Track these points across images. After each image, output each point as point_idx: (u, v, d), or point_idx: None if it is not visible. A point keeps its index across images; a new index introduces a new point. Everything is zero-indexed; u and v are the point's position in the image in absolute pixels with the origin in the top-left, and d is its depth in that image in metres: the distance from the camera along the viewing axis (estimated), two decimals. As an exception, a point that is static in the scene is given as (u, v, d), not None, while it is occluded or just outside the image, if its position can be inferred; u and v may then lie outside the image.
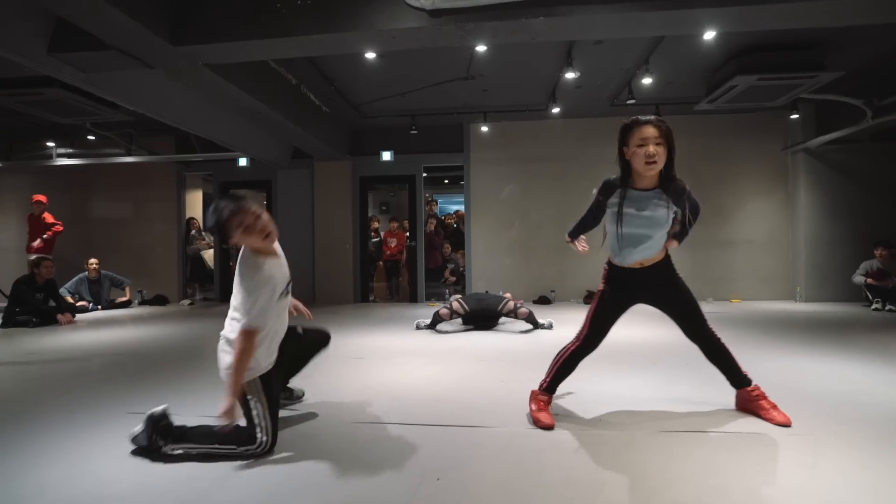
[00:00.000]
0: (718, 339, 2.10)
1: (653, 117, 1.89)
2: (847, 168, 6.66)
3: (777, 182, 7.02)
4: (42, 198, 6.70)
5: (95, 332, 4.89)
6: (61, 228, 6.70)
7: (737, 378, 2.11)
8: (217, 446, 1.75)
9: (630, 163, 1.93)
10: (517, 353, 3.58)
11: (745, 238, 7.03)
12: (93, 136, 6.77)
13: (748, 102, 5.36)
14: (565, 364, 2.15)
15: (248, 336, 1.72)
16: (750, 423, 2.01)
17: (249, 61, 4.44)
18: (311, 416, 2.22)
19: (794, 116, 6.42)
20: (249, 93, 4.49)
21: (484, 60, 4.92)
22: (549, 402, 2.16)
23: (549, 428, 2.00)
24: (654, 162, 1.85)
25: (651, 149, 1.84)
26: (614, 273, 2.09)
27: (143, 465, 1.73)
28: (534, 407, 2.13)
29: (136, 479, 1.61)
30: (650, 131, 1.85)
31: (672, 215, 1.96)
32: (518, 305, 4.56)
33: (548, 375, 2.17)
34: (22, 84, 4.60)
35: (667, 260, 2.09)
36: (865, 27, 4.12)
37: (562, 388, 2.25)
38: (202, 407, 2.34)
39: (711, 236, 7.04)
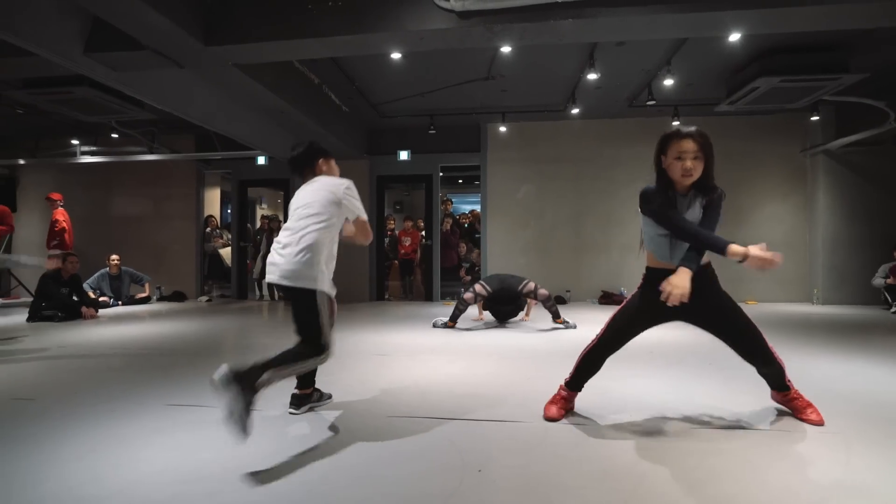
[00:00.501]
0: (776, 357, 2.01)
1: (693, 129, 1.88)
2: (867, 170, 6.61)
3: (795, 184, 6.98)
4: (55, 195, 6.85)
5: (118, 326, 4.98)
6: (60, 227, 6.83)
7: (780, 385, 2.09)
8: (298, 364, 1.94)
9: (666, 171, 1.94)
10: (539, 351, 3.62)
11: (763, 240, 6.86)
12: (116, 134, 6.89)
13: (769, 104, 5.35)
14: (586, 361, 2.16)
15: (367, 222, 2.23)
16: (780, 421, 2.04)
17: (275, 62, 4.53)
18: (344, 410, 2.28)
19: (815, 118, 6.38)
20: (274, 92, 4.56)
21: (505, 61, 4.96)
22: (568, 398, 2.18)
23: (552, 419, 2.07)
24: (690, 176, 1.87)
25: (689, 164, 1.85)
26: (655, 277, 1.96)
27: (192, 450, 1.78)
28: (550, 399, 2.18)
29: (185, 465, 1.67)
30: (689, 145, 1.86)
31: (703, 205, 1.96)
32: (538, 286, 4.59)
33: (571, 371, 2.20)
34: (52, 83, 4.71)
35: (710, 266, 2.03)
36: (890, 28, 4.11)
37: (590, 385, 2.28)
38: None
39: (728, 237, 6.94)
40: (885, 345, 3.75)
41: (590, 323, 5.07)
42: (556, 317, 4.65)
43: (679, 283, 1.79)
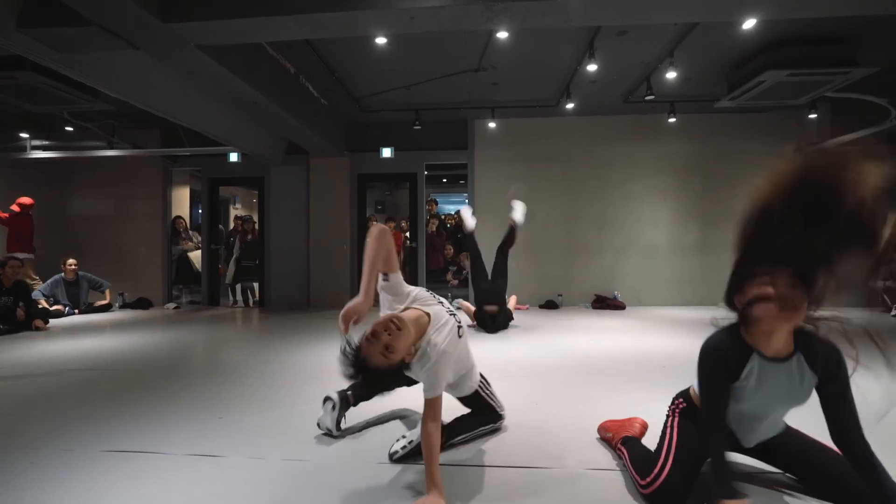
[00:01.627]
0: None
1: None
2: (863, 170, 6.49)
3: (790, 184, 6.82)
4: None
5: (70, 340, 4.46)
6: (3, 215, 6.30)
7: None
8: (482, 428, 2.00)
9: (747, 317, 1.28)
10: (545, 367, 3.26)
11: None
12: (71, 127, 6.30)
13: (771, 100, 5.13)
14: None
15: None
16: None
17: (246, 46, 4.08)
18: (326, 453, 1.88)
19: (812, 116, 6.22)
20: (245, 80, 4.11)
21: (499, 50, 4.61)
22: None
23: None
24: (795, 312, 1.22)
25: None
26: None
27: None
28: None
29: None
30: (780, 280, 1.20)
31: (814, 383, 1.32)
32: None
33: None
34: (-10, 67, 4.17)
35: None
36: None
37: (604, 409, 1.94)
38: (192, 440, 1.99)
39: (724, 239, 6.82)
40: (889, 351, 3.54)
41: (583, 331, 4.76)
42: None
43: None
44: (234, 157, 7.04)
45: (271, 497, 1.54)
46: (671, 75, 4.72)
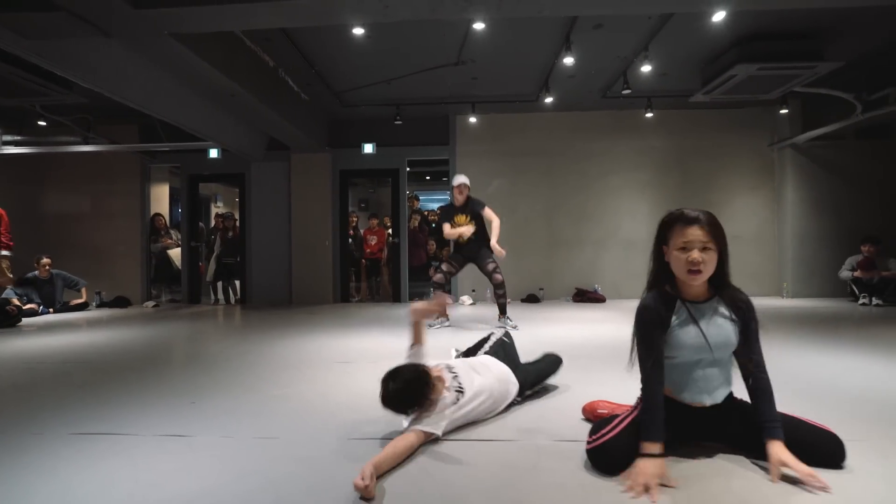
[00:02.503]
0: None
1: (699, 214, 1.45)
2: (832, 164, 6.68)
3: (764, 178, 7.00)
4: None
5: (43, 337, 4.37)
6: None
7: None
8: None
9: (669, 266, 1.50)
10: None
11: (733, 234, 6.77)
12: (44, 121, 6.17)
13: (744, 94, 5.26)
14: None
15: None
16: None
17: (223, 37, 4.05)
18: (299, 430, 1.88)
19: (784, 111, 6.39)
20: (222, 71, 4.08)
21: (476, 44, 4.65)
22: None
23: None
24: (700, 272, 1.43)
25: (696, 255, 1.41)
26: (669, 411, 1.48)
27: (85, 488, 1.36)
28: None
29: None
30: (696, 233, 1.42)
31: (738, 331, 1.49)
32: (497, 267, 4.34)
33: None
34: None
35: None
36: (864, 16, 4.05)
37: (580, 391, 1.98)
38: (162, 422, 1.98)
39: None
40: (855, 336, 3.79)
41: (566, 322, 4.83)
42: (502, 312, 4.34)
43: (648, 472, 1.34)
44: (213, 153, 6.96)
45: (239, 470, 1.54)
46: (646, 69, 4.81)
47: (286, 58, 4.94)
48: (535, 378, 2.27)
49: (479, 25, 3.82)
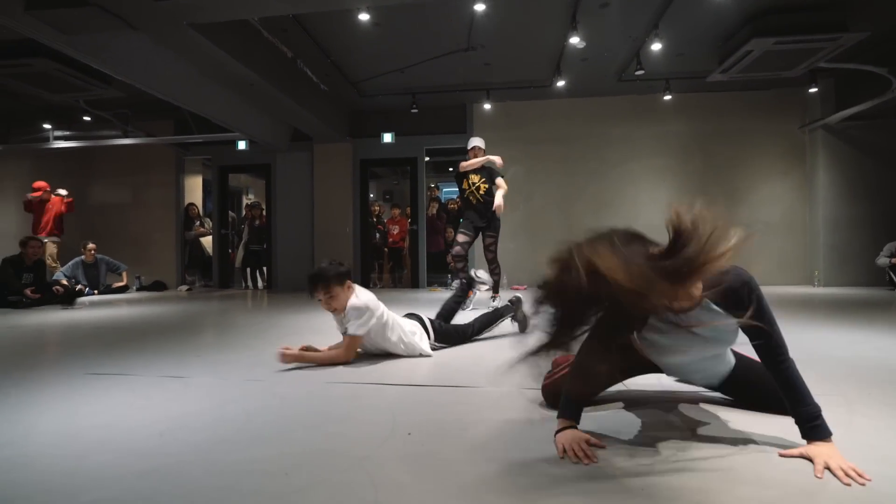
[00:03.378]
0: None
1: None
2: (868, 145, 6.34)
3: (794, 162, 6.72)
4: (43, 184, 6.70)
5: (84, 312, 4.76)
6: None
7: None
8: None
9: None
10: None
11: (760, 220, 6.73)
12: (88, 116, 6.67)
13: (764, 71, 5.08)
14: None
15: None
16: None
17: (241, 30, 4.29)
18: (281, 377, 2.04)
19: (813, 90, 6.11)
20: (241, 60, 4.33)
21: (484, 29, 4.71)
22: None
23: None
24: None
25: None
26: None
27: (84, 416, 1.55)
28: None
29: (86, 436, 1.43)
30: None
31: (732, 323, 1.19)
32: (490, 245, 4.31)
33: None
34: (9, 55, 4.49)
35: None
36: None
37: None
38: (167, 367, 2.18)
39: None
40: (892, 320, 3.49)
41: None
42: (494, 290, 4.32)
43: None
44: (241, 145, 7.32)
45: (221, 400, 1.71)
46: (657, 47, 4.73)
47: (302, 48, 5.16)
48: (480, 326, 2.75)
49: (480, 6, 3.89)
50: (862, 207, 6.33)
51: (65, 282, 6.32)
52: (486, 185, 4.27)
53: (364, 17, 3.94)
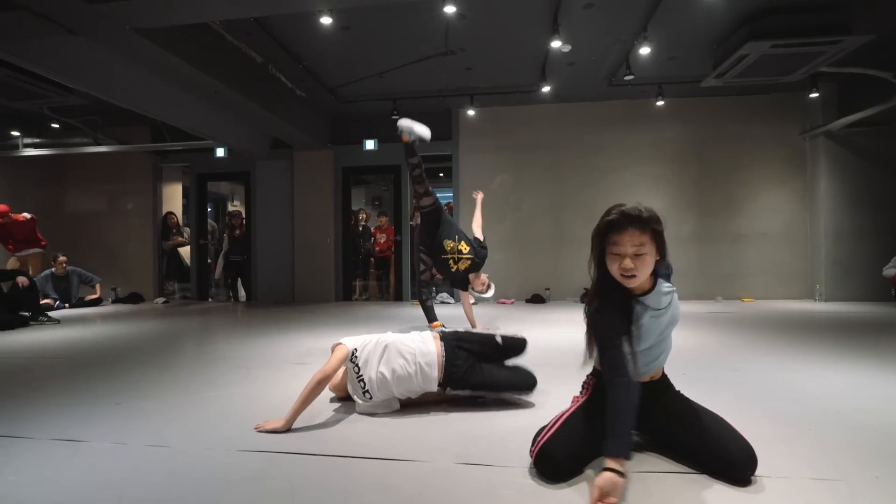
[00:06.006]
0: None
1: (634, 213, 1.39)
2: (872, 153, 6.03)
3: (794, 170, 6.41)
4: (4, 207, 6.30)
5: (36, 332, 4.49)
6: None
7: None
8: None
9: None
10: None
11: (759, 231, 6.43)
12: (55, 123, 6.42)
13: (761, 76, 4.79)
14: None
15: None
16: (765, 465, 1.46)
17: (196, 32, 4.02)
18: (196, 440, 1.75)
19: (814, 95, 5.81)
20: (197, 66, 4.05)
21: (462, 32, 4.43)
22: None
23: None
24: (634, 276, 1.41)
25: (627, 263, 1.39)
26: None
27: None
28: None
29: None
30: (627, 240, 1.39)
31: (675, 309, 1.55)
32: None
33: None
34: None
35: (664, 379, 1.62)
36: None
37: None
38: (66, 424, 1.89)
39: (722, 230, 6.47)
40: None
41: (572, 324, 4.48)
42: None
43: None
44: (220, 152, 7.06)
45: (98, 483, 1.42)
46: (645, 51, 4.44)
47: (272, 54, 4.89)
48: (492, 381, 2.07)
49: (450, 8, 3.60)
50: (866, 218, 6.02)
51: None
52: (468, 265, 3.79)
53: (326, 20, 3.66)
